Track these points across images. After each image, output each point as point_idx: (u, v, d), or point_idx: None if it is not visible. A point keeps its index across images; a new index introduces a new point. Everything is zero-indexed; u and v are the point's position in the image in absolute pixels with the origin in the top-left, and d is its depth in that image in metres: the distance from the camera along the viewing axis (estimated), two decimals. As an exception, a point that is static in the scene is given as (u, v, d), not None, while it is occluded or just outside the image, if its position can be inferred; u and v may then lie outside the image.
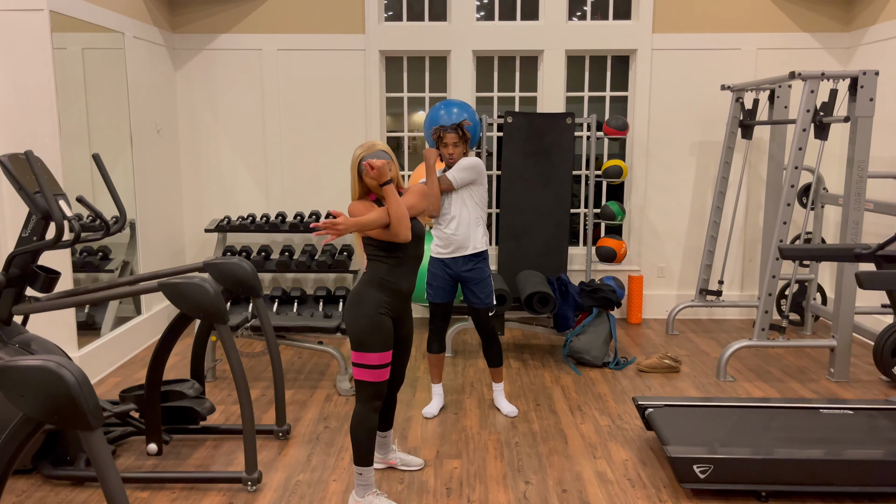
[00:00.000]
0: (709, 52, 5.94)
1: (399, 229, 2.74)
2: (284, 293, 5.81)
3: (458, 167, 3.76)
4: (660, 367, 4.78)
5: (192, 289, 2.91)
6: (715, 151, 6.03)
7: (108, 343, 4.86)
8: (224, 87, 6.04)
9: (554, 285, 5.09)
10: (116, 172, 5.09)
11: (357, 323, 2.82)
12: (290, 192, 6.15)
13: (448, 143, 3.77)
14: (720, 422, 3.45)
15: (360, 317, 2.82)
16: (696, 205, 6.15)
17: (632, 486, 3.21)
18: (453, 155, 3.77)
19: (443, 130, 3.79)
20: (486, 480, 3.26)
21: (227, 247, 5.86)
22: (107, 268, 5.23)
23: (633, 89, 6.09)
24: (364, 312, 2.82)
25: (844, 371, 4.59)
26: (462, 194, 3.79)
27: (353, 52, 5.98)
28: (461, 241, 3.81)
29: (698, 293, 5.81)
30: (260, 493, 3.13)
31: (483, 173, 3.82)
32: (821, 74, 4.36)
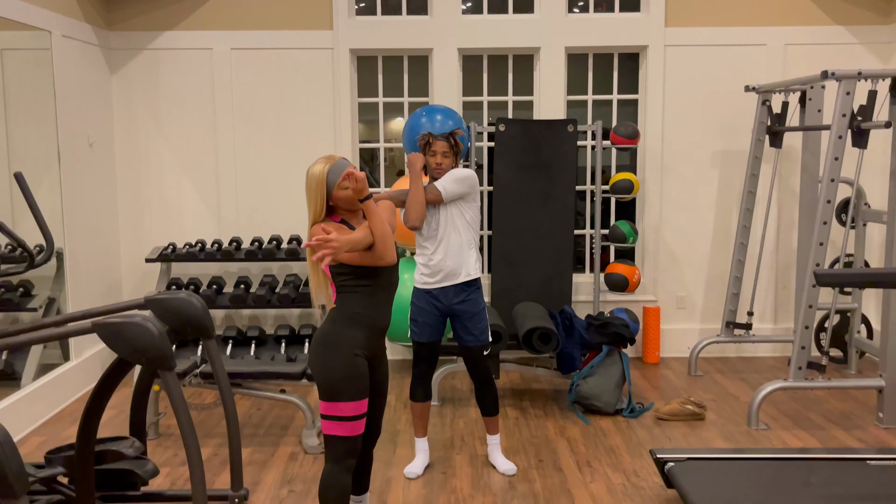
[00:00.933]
0: (730, 49, 6.07)
1: (385, 251, 2.77)
2: (240, 333, 5.80)
3: (449, 177, 3.80)
4: (681, 414, 4.80)
5: (133, 329, 2.90)
6: (740, 162, 6.13)
7: (31, 396, 4.82)
8: (168, 92, 6.08)
9: (557, 319, 5.12)
10: (41, 193, 5.08)
11: (327, 368, 2.82)
12: (246, 215, 6.16)
13: (437, 152, 3.82)
14: (753, 478, 3.47)
15: (331, 360, 2.82)
16: (719, 224, 6.23)
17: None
18: (441, 165, 3.82)
19: (432, 137, 3.84)
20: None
21: (171, 279, 5.85)
22: (29, 306, 5.21)
23: (643, 92, 6.19)
24: (335, 355, 2.82)
25: (895, 415, 4.63)
26: (451, 212, 3.83)
27: (319, 52, 6.05)
28: (452, 267, 3.84)
29: (725, 327, 5.86)
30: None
31: (476, 188, 3.87)
32: (857, 74, 4.47)
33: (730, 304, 5.85)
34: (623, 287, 5.83)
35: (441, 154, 3.82)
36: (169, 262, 5.87)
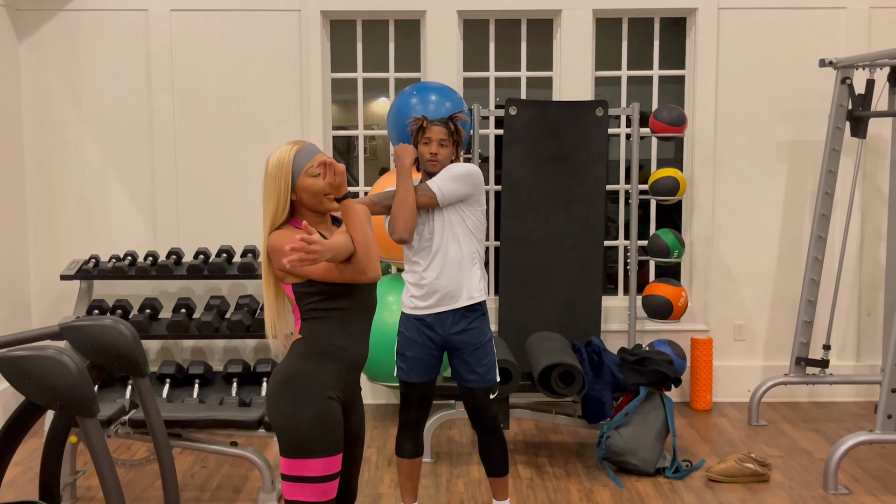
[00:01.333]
0: (801, 12, 6.11)
1: (368, 263, 2.74)
2: (180, 370, 5.80)
3: (446, 174, 3.81)
4: (740, 475, 4.80)
5: (46, 365, 2.90)
6: (814, 156, 6.16)
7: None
8: (92, 65, 6.10)
9: (582, 354, 5.13)
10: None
11: (293, 416, 2.80)
12: (189, 221, 6.17)
13: (432, 140, 3.83)
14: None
15: (298, 406, 2.80)
16: (788, 234, 6.26)
17: None
18: (437, 157, 3.83)
19: (427, 121, 3.86)
20: None
21: (93, 301, 5.85)
22: (-88, 334, 5.20)
23: (692, 66, 6.23)
24: (303, 399, 2.81)
25: None
26: (450, 217, 3.83)
27: (283, 14, 6.08)
28: (449, 288, 3.84)
29: (795, 364, 5.87)
30: None
31: (481, 187, 3.88)
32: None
33: (801, 335, 5.85)
34: (666, 313, 5.84)
35: (437, 142, 3.83)
36: (90, 281, 5.86)
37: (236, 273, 5.76)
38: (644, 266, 6.41)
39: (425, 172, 3.89)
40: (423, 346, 3.91)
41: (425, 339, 3.91)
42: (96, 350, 3.54)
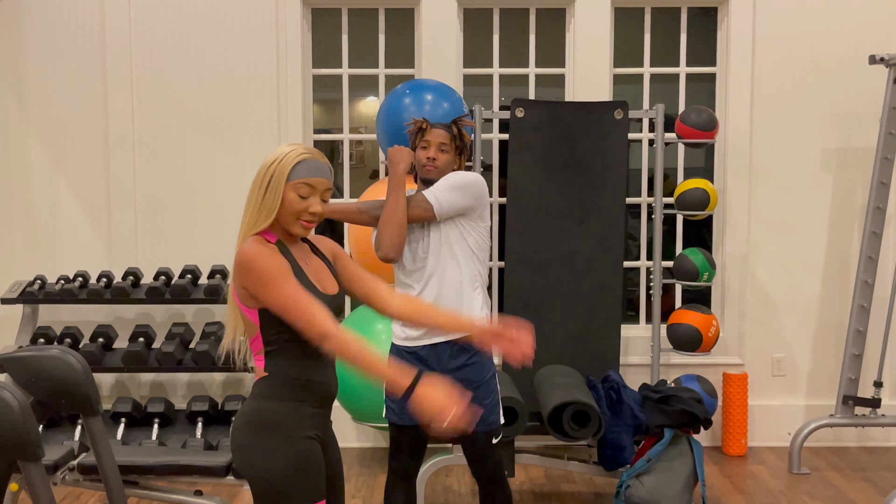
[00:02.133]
0: (848, 2, 6.14)
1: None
2: (137, 407, 5.79)
3: (445, 183, 3.80)
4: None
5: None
6: (864, 165, 6.18)
7: None
8: (39, 58, 6.12)
9: (598, 391, 5.12)
10: None
11: (268, 462, 2.78)
12: (148, 236, 6.18)
13: (431, 143, 3.83)
14: None
15: (273, 450, 2.77)
16: (834, 254, 6.27)
17: None
18: (436, 162, 3.83)
19: (427, 122, 3.86)
20: None
21: (38, 328, 5.85)
22: None
23: (724, 64, 6.26)
24: (278, 442, 2.78)
25: None
26: (448, 234, 3.83)
27: (257, 2, 6.10)
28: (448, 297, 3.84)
29: (842, 403, 5.87)
30: None
31: (485, 199, 3.88)
32: None
33: (849, 370, 5.85)
34: (695, 344, 5.84)
35: (437, 146, 3.82)
36: (35, 304, 5.86)
37: (202, 297, 5.77)
38: (669, 290, 6.41)
39: (421, 180, 3.89)
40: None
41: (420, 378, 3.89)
42: (41, 385, 3.54)
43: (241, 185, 6.21)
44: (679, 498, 4.89)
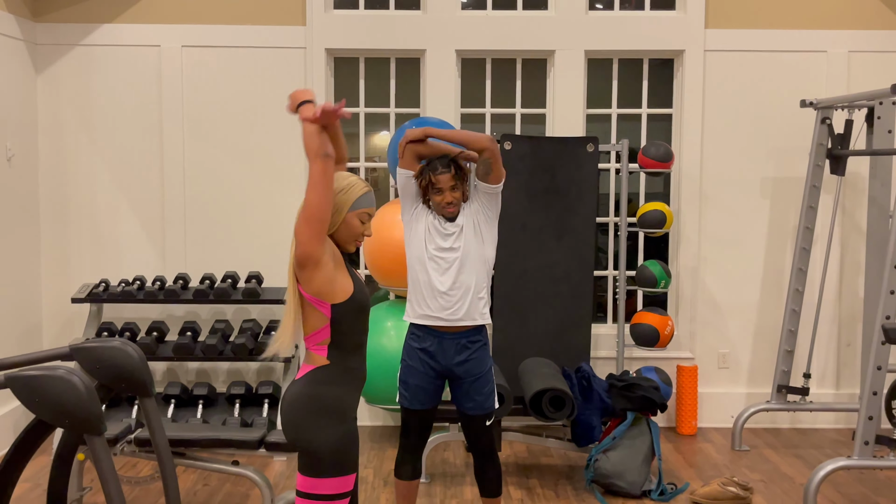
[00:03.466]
0: (783, 56, 6.17)
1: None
2: (185, 391, 5.79)
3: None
4: (723, 498, 4.79)
5: (54, 384, 2.91)
6: (795, 192, 6.19)
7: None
8: (105, 97, 6.14)
9: (572, 379, 5.13)
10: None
11: (325, 439, 2.79)
12: (196, 247, 6.19)
13: (443, 189, 3.76)
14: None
15: (329, 428, 2.79)
16: (770, 266, 6.28)
17: None
18: (453, 205, 3.79)
19: (431, 172, 3.78)
20: None
21: (103, 324, 5.85)
22: (-72, 354, 5.20)
23: (679, 105, 6.28)
24: (333, 422, 2.80)
25: (983, 503, 4.64)
26: (478, 223, 3.86)
27: (289, 51, 6.12)
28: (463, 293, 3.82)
29: (776, 392, 5.87)
30: None
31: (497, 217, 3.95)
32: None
33: (782, 363, 5.86)
34: (653, 341, 5.85)
35: (449, 190, 3.76)
36: (100, 304, 5.87)
37: (240, 298, 5.78)
38: (632, 295, 6.42)
39: (445, 218, 3.85)
40: (425, 374, 3.89)
41: (427, 369, 3.89)
42: (105, 371, 3.55)
43: (273, 205, 6.26)
44: (639, 470, 4.90)
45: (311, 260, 2.70)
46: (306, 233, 2.69)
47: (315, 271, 2.72)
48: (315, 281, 2.73)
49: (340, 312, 2.79)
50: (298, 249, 2.71)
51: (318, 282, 2.74)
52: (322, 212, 2.69)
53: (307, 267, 2.72)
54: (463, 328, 3.87)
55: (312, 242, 2.70)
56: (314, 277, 2.73)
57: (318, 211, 2.68)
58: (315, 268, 2.71)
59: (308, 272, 2.72)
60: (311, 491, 2.79)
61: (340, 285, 2.78)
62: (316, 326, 2.80)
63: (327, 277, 2.74)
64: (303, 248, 2.70)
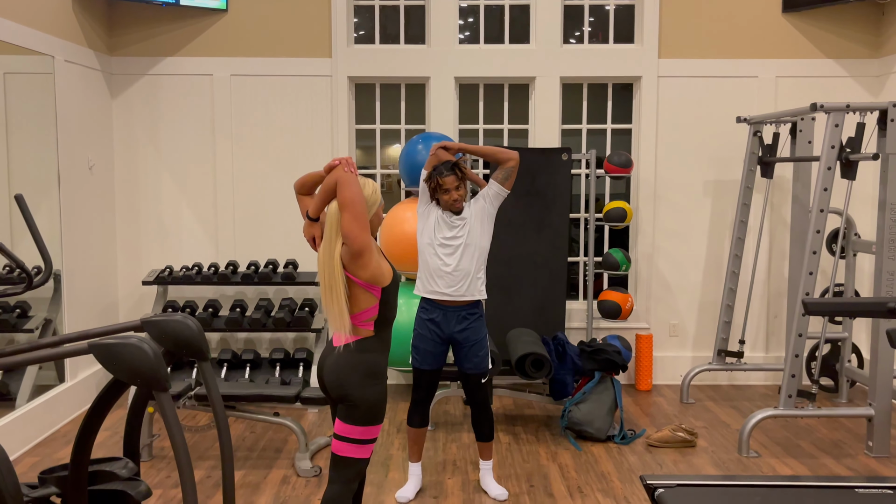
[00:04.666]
0: (722, 80, 6.16)
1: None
2: (235, 356, 5.82)
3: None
4: (673, 441, 4.81)
5: (130, 350, 2.92)
6: (732, 192, 6.20)
7: (25, 417, 4.82)
8: (168, 117, 6.14)
9: (550, 346, 5.14)
10: (40, 215, 5.12)
11: (373, 396, 2.84)
12: (242, 239, 6.20)
13: (450, 188, 3.82)
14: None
15: (374, 387, 2.85)
16: (712, 253, 6.28)
17: (641, 582, 3.22)
18: (458, 201, 3.85)
19: (438, 176, 3.83)
20: (470, 576, 3.26)
21: (167, 302, 5.87)
22: (25, 327, 5.21)
23: (637, 121, 6.27)
24: (377, 382, 2.86)
25: (884, 444, 4.66)
26: (482, 217, 3.89)
27: (318, 79, 6.12)
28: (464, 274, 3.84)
29: (716, 355, 5.89)
30: None
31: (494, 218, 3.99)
32: (846, 106, 4.54)
33: (721, 332, 5.88)
34: (616, 314, 5.86)
35: (454, 189, 3.82)
36: (165, 286, 5.89)
37: (280, 280, 5.80)
38: (599, 277, 6.43)
39: (453, 213, 3.90)
40: (432, 340, 3.93)
41: (434, 336, 3.92)
42: (169, 339, 3.56)
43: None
44: (605, 419, 4.92)
45: (366, 249, 2.74)
46: (356, 227, 2.72)
47: (370, 258, 2.75)
48: (369, 267, 2.76)
49: (387, 293, 2.84)
50: (355, 243, 2.72)
51: (371, 268, 2.77)
52: (362, 204, 2.74)
53: (364, 256, 2.74)
54: (464, 303, 3.90)
55: (364, 234, 2.73)
56: (369, 264, 2.75)
57: (358, 205, 2.72)
58: (370, 255, 2.75)
59: (364, 260, 2.74)
60: (347, 435, 2.85)
61: (386, 268, 2.84)
62: (366, 306, 2.82)
63: (376, 263, 2.78)
64: (359, 241, 2.72)
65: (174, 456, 3.07)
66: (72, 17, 5.44)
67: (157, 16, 6.04)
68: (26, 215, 3.37)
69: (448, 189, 3.81)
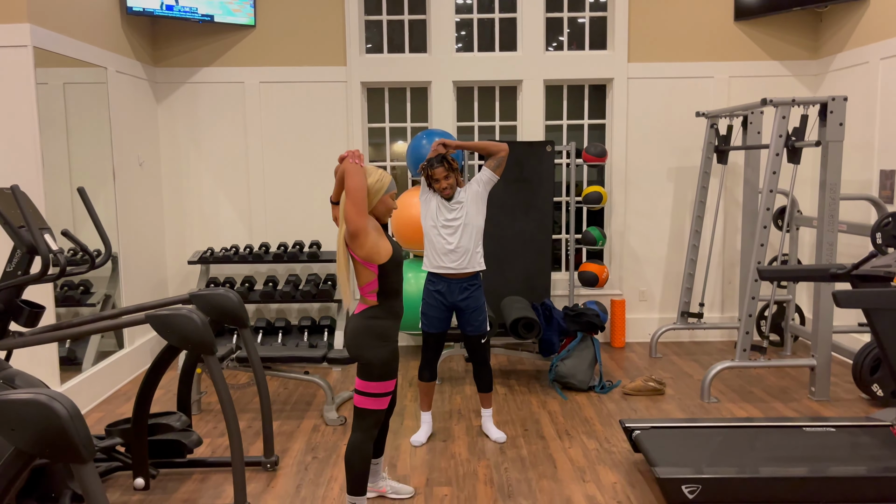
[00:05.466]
0: (683, 81, 6.10)
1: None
2: (269, 324, 5.80)
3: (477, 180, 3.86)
4: (645, 390, 4.81)
5: (181, 320, 2.90)
6: (692, 177, 6.16)
7: (91, 378, 4.80)
8: (206, 119, 6.07)
9: (538, 311, 5.13)
10: (99, 206, 5.08)
11: (381, 355, 2.82)
12: (272, 223, 6.16)
13: (439, 178, 3.77)
14: (706, 442, 3.48)
15: (384, 348, 2.83)
16: (674, 229, 6.25)
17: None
18: (447, 189, 3.79)
19: (430, 168, 3.79)
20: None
21: (210, 278, 5.84)
22: (88, 302, 5.19)
23: (610, 117, 6.21)
24: (386, 344, 2.84)
25: (825, 390, 4.66)
26: (476, 200, 3.83)
27: (334, 84, 6.05)
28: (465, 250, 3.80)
29: (680, 316, 5.88)
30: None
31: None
32: (792, 101, 4.49)
33: (684, 296, 5.86)
34: (594, 283, 5.84)
35: (443, 178, 3.76)
36: (208, 264, 5.86)
37: (306, 259, 5.76)
38: (578, 251, 6.40)
39: (445, 198, 3.84)
40: (438, 308, 3.90)
41: (440, 304, 3.89)
42: (214, 310, 3.55)
43: (325, 193, 6.20)
44: (586, 372, 4.91)
45: (361, 231, 2.71)
46: (353, 212, 2.70)
47: (365, 239, 2.72)
48: (365, 247, 2.74)
49: (385, 268, 2.81)
50: (351, 225, 2.71)
51: (367, 247, 2.75)
52: (362, 193, 2.69)
53: (359, 236, 2.72)
54: (466, 274, 3.87)
55: (359, 218, 2.70)
56: (364, 244, 2.73)
57: (358, 192, 2.68)
58: (365, 236, 2.72)
59: (360, 241, 2.73)
60: (365, 390, 2.85)
61: (384, 248, 2.79)
62: (368, 280, 2.83)
63: (373, 243, 2.75)
64: (354, 223, 2.70)
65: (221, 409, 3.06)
66: (121, 33, 5.36)
67: (194, 31, 5.95)
68: (88, 205, 3.33)
69: (438, 179, 3.77)
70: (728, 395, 4.80)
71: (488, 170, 3.87)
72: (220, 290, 3.54)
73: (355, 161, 2.74)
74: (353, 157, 2.74)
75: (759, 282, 4.64)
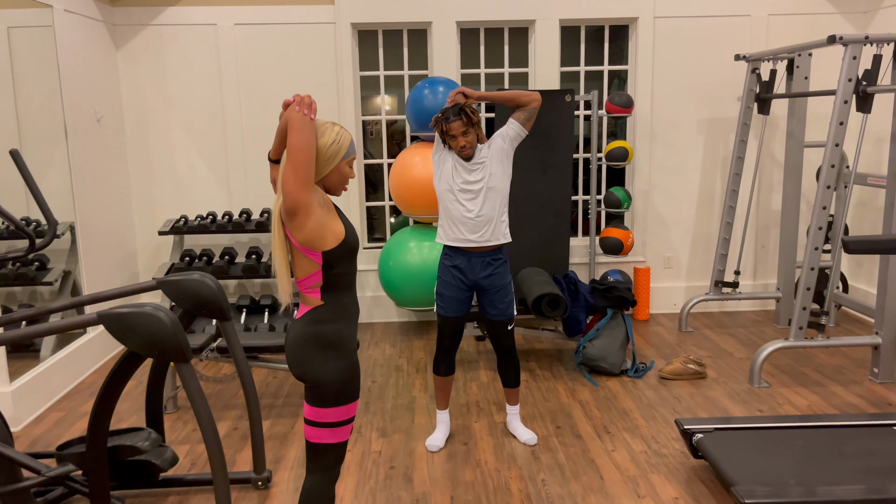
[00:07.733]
0: (716, 20, 5.43)
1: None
2: (253, 301, 5.16)
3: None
4: (685, 374, 4.28)
5: (144, 320, 2.27)
6: (724, 129, 5.54)
7: (50, 370, 4.18)
8: (174, 67, 5.32)
9: (562, 284, 4.55)
10: (52, 169, 4.38)
11: (332, 371, 2.10)
12: (255, 187, 5.47)
13: (456, 135, 3.15)
14: (786, 450, 2.95)
15: (335, 361, 2.10)
16: (704, 188, 5.66)
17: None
18: (466, 148, 3.17)
19: (445, 121, 3.15)
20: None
21: (185, 250, 5.17)
22: (45, 279, 4.54)
23: (633, 62, 5.54)
24: (339, 355, 2.12)
25: (890, 371, 4.15)
26: (501, 158, 3.25)
27: (321, 26, 5.32)
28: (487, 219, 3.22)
29: (714, 286, 5.32)
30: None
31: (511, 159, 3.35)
32: (865, 38, 3.87)
33: (718, 264, 5.30)
34: (618, 250, 5.26)
35: (461, 135, 3.14)
36: (181, 235, 5.18)
37: (293, 227, 5.12)
38: (597, 215, 5.79)
39: (463, 158, 3.22)
40: (456, 287, 3.29)
41: (459, 283, 3.29)
42: (187, 300, 2.92)
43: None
44: (618, 354, 4.37)
45: (301, 207, 1.96)
46: (294, 181, 1.93)
47: (306, 219, 1.97)
48: (305, 228, 1.99)
49: (332, 257, 2.05)
50: (288, 199, 1.95)
51: (308, 229, 1.99)
52: (308, 155, 1.95)
53: (298, 215, 1.97)
54: (488, 248, 3.27)
55: (302, 190, 1.94)
56: (305, 224, 1.98)
57: (302, 154, 1.94)
58: (306, 215, 1.97)
59: (299, 220, 1.98)
60: (318, 420, 2.11)
61: (332, 230, 2.04)
62: (307, 272, 2.07)
63: (318, 223, 2.00)
64: (293, 196, 1.95)
65: (199, 428, 2.47)
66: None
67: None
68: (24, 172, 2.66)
69: (455, 135, 3.14)
70: (778, 377, 4.28)
71: (517, 123, 3.24)
72: (196, 274, 2.91)
73: (303, 111, 1.97)
74: (301, 106, 1.98)
75: (818, 250, 4.08)
